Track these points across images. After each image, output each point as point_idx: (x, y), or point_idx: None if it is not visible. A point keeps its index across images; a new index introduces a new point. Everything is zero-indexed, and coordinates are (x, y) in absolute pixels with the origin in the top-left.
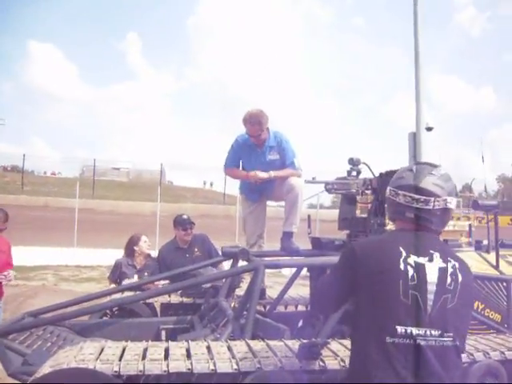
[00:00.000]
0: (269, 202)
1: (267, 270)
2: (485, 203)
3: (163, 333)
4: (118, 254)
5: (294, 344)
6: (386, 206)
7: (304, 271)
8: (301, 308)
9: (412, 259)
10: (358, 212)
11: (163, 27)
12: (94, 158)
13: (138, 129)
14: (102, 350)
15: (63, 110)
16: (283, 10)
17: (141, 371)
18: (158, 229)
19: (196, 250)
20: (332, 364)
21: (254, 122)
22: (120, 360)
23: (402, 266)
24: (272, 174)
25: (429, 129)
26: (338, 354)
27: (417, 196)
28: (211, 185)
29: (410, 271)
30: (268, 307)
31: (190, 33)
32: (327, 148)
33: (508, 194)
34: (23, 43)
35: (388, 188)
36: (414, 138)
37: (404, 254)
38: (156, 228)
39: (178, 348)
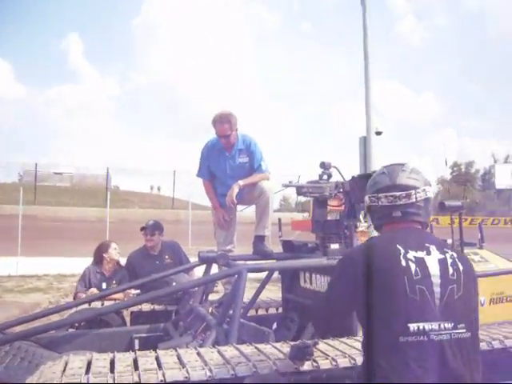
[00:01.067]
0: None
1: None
2: (451, 204)
3: (136, 342)
4: (66, 262)
5: (282, 346)
6: (368, 215)
7: (275, 274)
8: (272, 311)
9: (411, 254)
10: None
11: (106, 27)
12: (36, 163)
13: (80, 132)
14: (90, 362)
15: None
16: (230, 11)
17: (137, 382)
18: (108, 235)
19: (167, 257)
20: (324, 364)
21: (224, 121)
22: (112, 372)
23: (403, 263)
24: (241, 183)
25: (378, 133)
26: (327, 353)
27: (398, 193)
28: (159, 189)
29: (412, 266)
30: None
31: (134, 34)
32: (278, 151)
33: (443, 195)
34: None
35: (366, 197)
36: (365, 142)
37: (402, 250)
38: (106, 234)
39: (168, 356)
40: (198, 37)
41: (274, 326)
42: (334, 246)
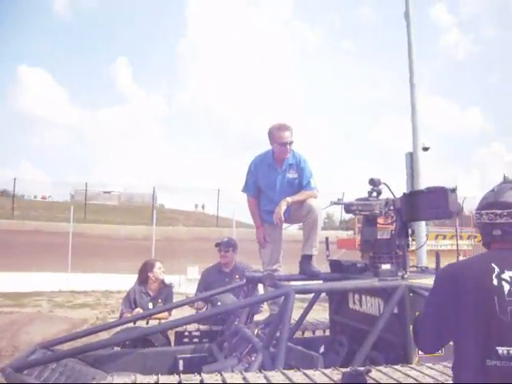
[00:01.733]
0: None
1: None
2: None
3: (181, 362)
4: (113, 278)
5: (332, 373)
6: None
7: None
8: (318, 333)
9: (507, 274)
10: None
11: (153, 50)
12: (86, 182)
13: (128, 152)
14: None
15: (53, 133)
16: (272, 32)
17: None
18: (154, 253)
19: (237, 276)
20: None
21: (285, 128)
22: None
23: (495, 282)
24: (289, 200)
25: (425, 149)
26: (381, 382)
27: (499, 211)
28: (203, 207)
29: (506, 286)
30: None
31: (179, 56)
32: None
33: None
34: (13, 68)
35: (473, 213)
36: (412, 158)
37: (497, 269)
38: (151, 252)
39: (213, 380)
40: (242, 56)
41: (322, 349)
42: (386, 267)
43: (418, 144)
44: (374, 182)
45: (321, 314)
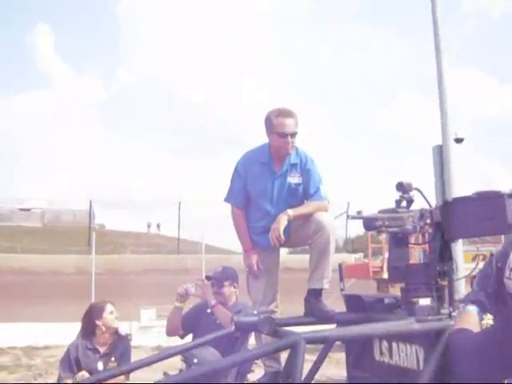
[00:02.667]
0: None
1: None
2: None
3: None
4: (39, 330)
5: None
6: None
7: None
8: None
9: None
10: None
11: (83, 15)
12: None
13: (53, 154)
14: None
15: None
16: None
17: None
18: (94, 292)
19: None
20: None
21: (289, 114)
22: None
23: None
24: (290, 213)
25: (458, 140)
26: None
27: None
28: (158, 227)
29: None
30: None
31: (120, 22)
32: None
33: None
34: None
35: None
36: (441, 152)
37: None
38: (91, 290)
39: None
40: (211, 20)
41: None
42: (425, 302)
43: (448, 134)
44: (403, 188)
45: (334, 368)
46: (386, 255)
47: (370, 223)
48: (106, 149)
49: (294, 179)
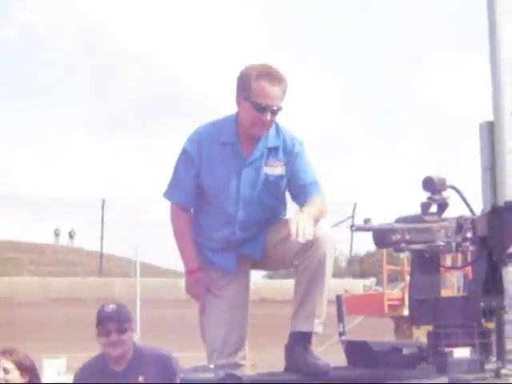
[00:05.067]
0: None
1: None
2: None
3: None
4: None
5: None
6: None
7: None
8: None
9: None
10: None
11: None
12: None
13: None
14: None
15: None
16: None
17: None
18: None
19: (139, 376)
20: None
21: (277, 77)
22: None
23: None
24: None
25: None
26: None
27: None
28: (71, 237)
29: None
30: None
31: None
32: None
33: None
34: None
35: None
36: (492, 131)
37: None
38: None
39: None
40: None
41: None
42: (462, 354)
43: (502, 107)
44: (433, 185)
45: None
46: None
47: (383, 237)
48: None
49: (272, 169)
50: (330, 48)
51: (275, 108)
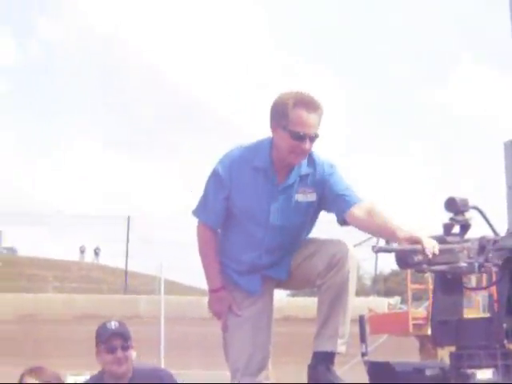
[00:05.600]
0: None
1: None
2: None
3: None
4: None
5: None
6: None
7: None
8: None
9: None
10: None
11: None
12: None
13: None
14: None
15: None
16: None
17: None
18: None
19: None
20: None
21: (313, 106)
22: None
23: None
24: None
25: None
26: None
27: None
28: (96, 254)
29: None
30: None
31: None
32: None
33: None
34: None
35: None
36: None
37: None
38: None
39: None
40: None
41: None
42: (485, 375)
43: None
44: (456, 206)
45: None
46: None
47: (405, 258)
48: (11, 132)
49: (304, 196)
50: (335, 48)
51: (313, 136)
